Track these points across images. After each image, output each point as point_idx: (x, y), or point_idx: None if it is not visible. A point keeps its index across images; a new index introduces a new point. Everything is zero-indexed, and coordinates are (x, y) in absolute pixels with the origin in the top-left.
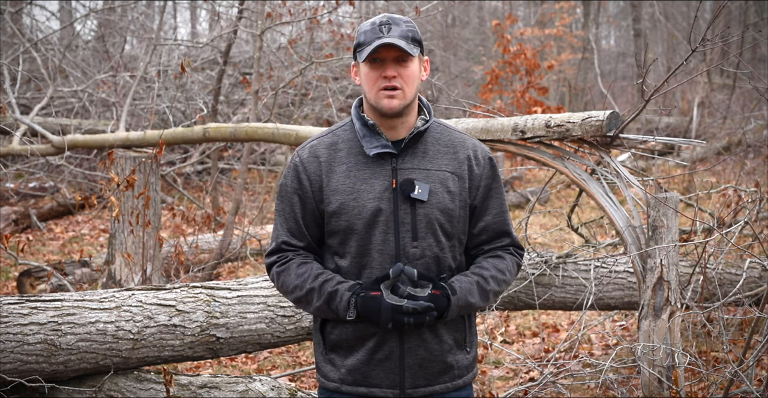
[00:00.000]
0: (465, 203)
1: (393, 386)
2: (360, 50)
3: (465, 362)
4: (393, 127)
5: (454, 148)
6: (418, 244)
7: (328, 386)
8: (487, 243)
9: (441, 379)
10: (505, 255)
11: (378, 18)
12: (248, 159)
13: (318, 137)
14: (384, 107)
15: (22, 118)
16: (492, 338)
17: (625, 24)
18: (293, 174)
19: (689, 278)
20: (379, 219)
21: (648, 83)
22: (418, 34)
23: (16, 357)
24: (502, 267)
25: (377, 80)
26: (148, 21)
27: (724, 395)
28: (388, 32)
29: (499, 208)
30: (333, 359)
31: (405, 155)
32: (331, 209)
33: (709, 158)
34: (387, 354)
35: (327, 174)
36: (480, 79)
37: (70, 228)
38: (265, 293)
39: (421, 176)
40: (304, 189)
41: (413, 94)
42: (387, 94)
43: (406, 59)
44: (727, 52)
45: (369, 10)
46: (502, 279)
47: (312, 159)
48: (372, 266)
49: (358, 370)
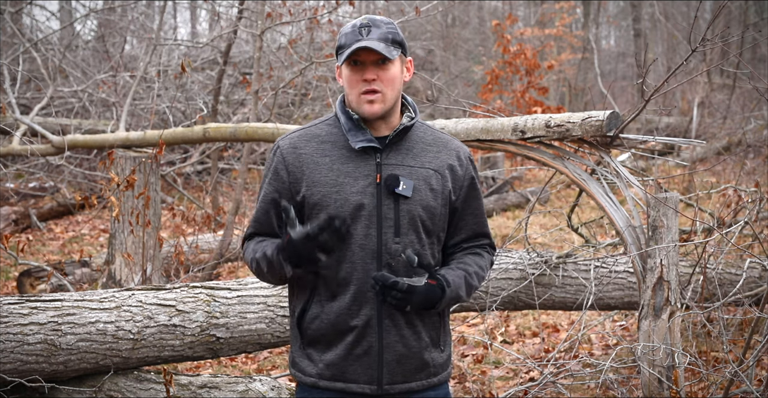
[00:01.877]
0: (446, 201)
1: (371, 381)
2: (341, 53)
3: (440, 360)
4: (376, 127)
5: (437, 147)
6: (400, 240)
7: (305, 381)
8: (466, 242)
9: (417, 376)
10: (483, 253)
11: (359, 20)
12: (248, 159)
13: (300, 129)
14: (365, 112)
15: (22, 118)
16: (492, 338)
17: (625, 24)
18: (271, 164)
19: (689, 278)
20: (361, 213)
21: (648, 83)
22: (399, 36)
23: (16, 357)
24: (482, 264)
25: (358, 83)
26: (148, 21)
27: (724, 395)
28: (367, 35)
29: (479, 209)
30: (311, 354)
31: (389, 151)
32: (312, 201)
33: (709, 158)
34: (365, 349)
35: (308, 165)
36: (480, 79)
37: (70, 228)
38: (265, 293)
39: (405, 172)
40: (281, 180)
41: (394, 96)
42: (367, 98)
43: (386, 61)
44: (727, 52)
45: (369, 10)
46: (482, 275)
47: (291, 150)
48: (352, 260)
49: (336, 365)
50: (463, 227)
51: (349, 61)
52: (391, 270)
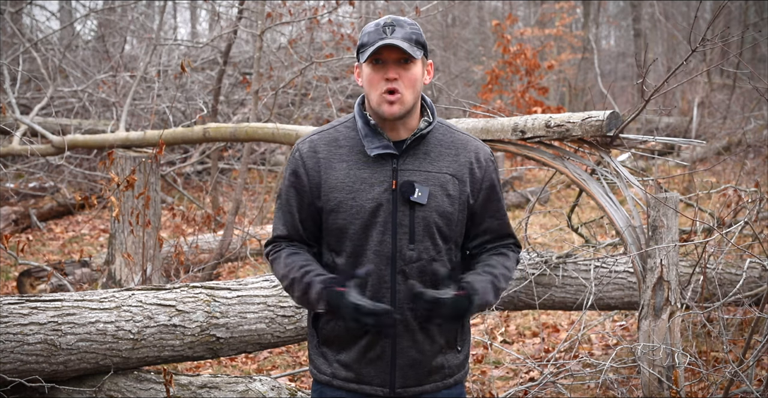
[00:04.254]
0: (464, 206)
1: (383, 384)
2: (363, 51)
3: (456, 361)
4: (394, 128)
5: (456, 149)
6: (414, 247)
7: (320, 378)
8: (490, 243)
9: (431, 378)
10: (508, 253)
11: (383, 19)
12: (248, 159)
13: (319, 131)
14: (384, 113)
15: (22, 118)
16: (492, 338)
17: (625, 24)
18: (292, 167)
19: (689, 278)
20: (376, 220)
21: (648, 83)
22: (422, 37)
23: (16, 357)
24: (508, 264)
25: (379, 82)
26: (148, 21)
27: (724, 395)
28: (391, 33)
29: (501, 210)
30: (325, 353)
31: (406, 156)
32: (329, 207)
33: (709, 158)
34: (379, 353)
35: (326, 170)
36: (480, 79)
37: (70, 228)
38: (265, 293)
39: (422, 178)
40: (302, 183)
41: (414, 97)
42: (388, 99)
43: (409, 61)
44: (727, 52)
45: (369, 10)
46: (509, 276)
47: (311, 154)
48: (367, 266)
49: (349, 367)
50: (485, 229)
51: (371, 60)
52: (405, 276)
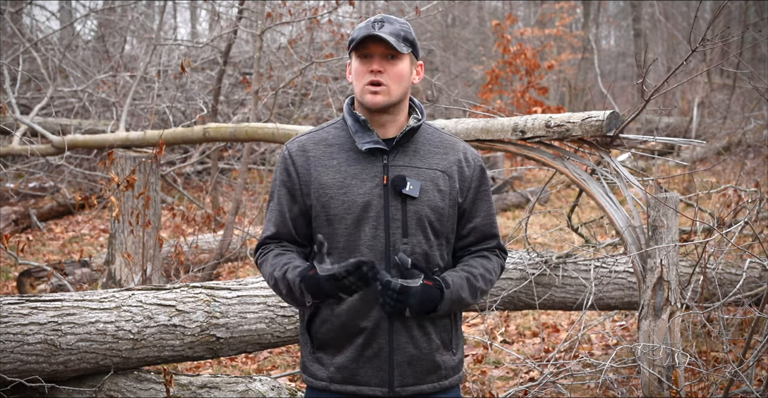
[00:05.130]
0: (454, 202)
1: (382, 384)
2: (351, 46)
3: (452, 363)
4: (383, 125)
5: (444, 149)
6: (408, 241)
7: (316, 385)
8: (474, 245)
9: (429, 378)
10: (491, 256)
11: (374, 16)
12: (248, 159)
13: (308, 133)
14: (367, 102)
15: (22, 118)
16: (492, 338)
17: (625, 24)
18: (282, 167)
19: (689, 278)
20: (369, 214)
21: (648, 83)
22: (412, 35)
23: (16, 357)
24: (489, 267)
25: (364, 74)
26: (148, 21)
27: (724, 395)
28: (379, 29)
29: (488, 211)
30: (321, 358)
31: (396, 152)
32: (320, 203)
33: (709, 158)
34: (376, 351)
35: (315, 168)
36: (480, 79)
37: (70, 228)
38: (265, 293)
39: (412, 174)
40: (293, 181)
41: (400, 93)
42: (371, 89)
43: (395, 56)
44: (727, 52)
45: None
46: (489, 278)
47: (300, 152)
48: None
49: (347, 368)
50: (471, 229)
51: (359, 54)
52: (399, 270)
